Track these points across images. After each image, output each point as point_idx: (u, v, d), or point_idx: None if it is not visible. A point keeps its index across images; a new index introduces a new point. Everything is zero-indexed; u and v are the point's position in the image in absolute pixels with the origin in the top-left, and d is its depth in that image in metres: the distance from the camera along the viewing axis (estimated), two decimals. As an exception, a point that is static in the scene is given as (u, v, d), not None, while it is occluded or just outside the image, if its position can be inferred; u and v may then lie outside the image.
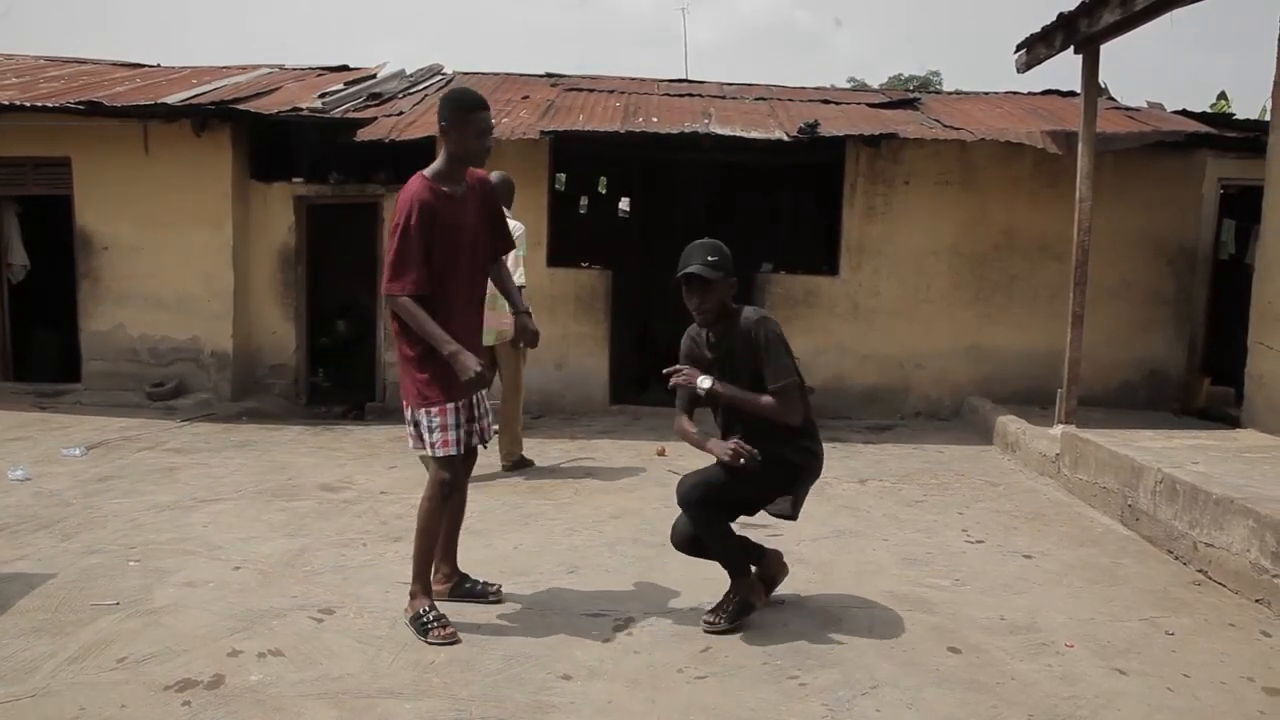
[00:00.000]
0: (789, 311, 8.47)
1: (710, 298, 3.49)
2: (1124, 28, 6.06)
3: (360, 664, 3.22)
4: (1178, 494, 4.50)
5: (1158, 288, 8.45)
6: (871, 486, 5.96)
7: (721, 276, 3.47)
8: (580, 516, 5.10)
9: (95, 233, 8.48)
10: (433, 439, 3.49)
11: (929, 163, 8.38)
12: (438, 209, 3.43)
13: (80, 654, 3.23)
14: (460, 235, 3.51)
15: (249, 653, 3.28)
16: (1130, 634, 3.58)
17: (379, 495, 5.46)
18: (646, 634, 3.52)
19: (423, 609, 3.49)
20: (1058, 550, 4.65)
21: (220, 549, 4.43)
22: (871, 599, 3.92)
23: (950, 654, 3.38)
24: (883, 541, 4.77)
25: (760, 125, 8.27)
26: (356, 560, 4.31)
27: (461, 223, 3.52)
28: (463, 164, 3.52)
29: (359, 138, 7.95)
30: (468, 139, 3.46)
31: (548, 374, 8.29)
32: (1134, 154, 8.04)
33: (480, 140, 3.49)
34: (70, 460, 6.20)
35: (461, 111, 3.46)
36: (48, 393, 8.50)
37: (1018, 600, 3.94)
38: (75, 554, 4.29)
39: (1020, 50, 7.16)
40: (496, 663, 3.24)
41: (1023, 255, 8.42)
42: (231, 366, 8.49)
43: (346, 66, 10.71)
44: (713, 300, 3.50)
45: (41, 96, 8.20)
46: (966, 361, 8.47)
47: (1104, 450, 5.36)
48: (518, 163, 8.35)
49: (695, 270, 3.44)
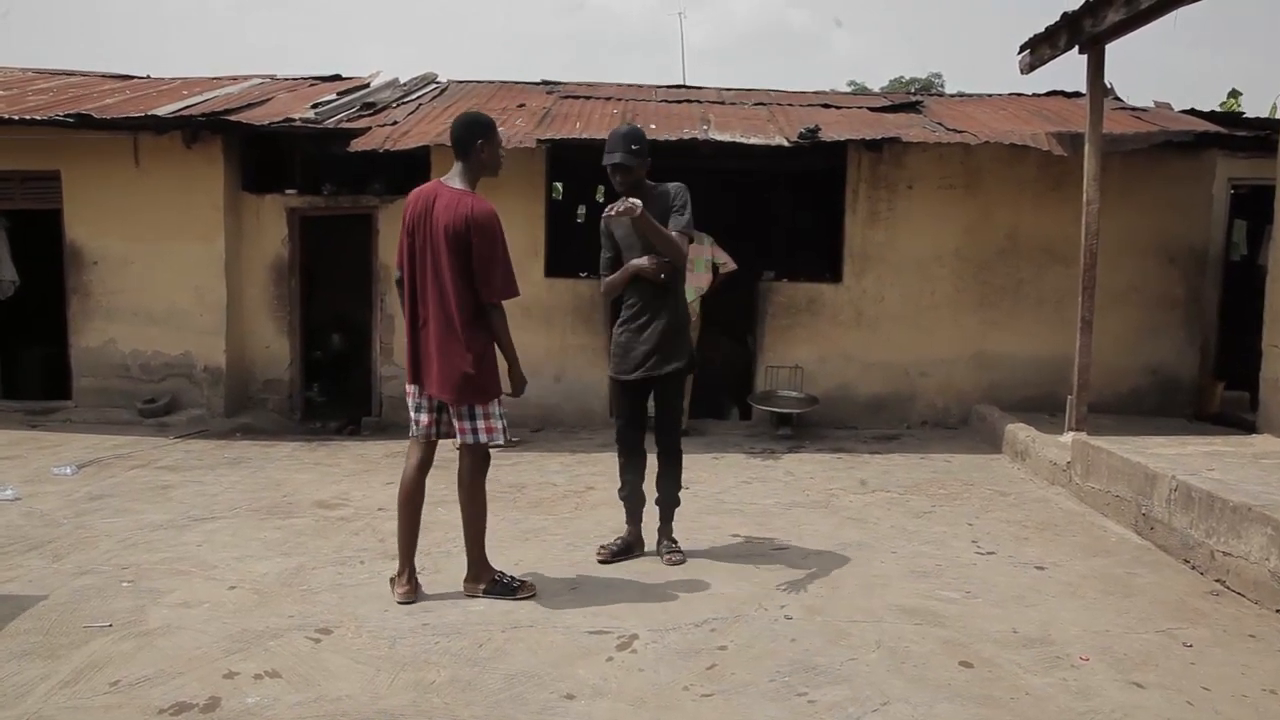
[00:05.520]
0: (791, 320, 8.48)
1: (630, 178, 4.38)
2: (1129, 26, 6.07)
3: (359, 684, 3.20)
4: (1193, 502, 4.49)
5: (1168, 291, 8.45)
6: (878, 497, 5.95)
7: (640, 161, 4.37)
8: (581, 531, 5.08)
9: (85, 247, 8.49)
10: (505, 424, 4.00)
11: (932, 166, 8.39)
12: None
13: (72, 677, 3.22)
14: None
15: (245, 674, 3.26)
16: (1147, 646, 3.56)
17: (376, 512, 5.45)
18: (651, 651, 3.51)
19: (498, 574, 4.07)
20: (1070, 561, 4.64)
21: (215, 568, 4.42)
22: (880, 613, 3.90)
23: (962, 669, 3.37)
24: (891, 554, 4.75)
25: (760, 131, 8.28)
26: (354, 578, 4.30)
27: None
28: (483, 176, 4.01)
29: (352, 148, 7.96)
30: (497, 152, 4.02)
31: (546, 386, 8.29)
32: (1142, 155, 8.04)
33: (502, 152, 4.11)
34: (61, 479, 6.19)
35: (493, 128, 3.99)
36: (37, 410, 8.49)
37: (1030, 613, 3.92)
38: (67, 575, 4.28)
39: (1024, 51, 7.17)
40: (498, 682, 3.23)
41: (1029, 260, 8.42)
42: (224, 382, 8.48)
43: (339, 76, 10.73)
44: (632, 179, 4.39)
45: (29, 109, 8.20)
46: (973, 368, 8.46)
47: (1116, 458, 5.35)
48: (514, 172, 8.36)
49: (620, 160, 4.35)
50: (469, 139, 3.93)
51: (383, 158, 7.94)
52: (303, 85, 10.29)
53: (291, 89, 10.01)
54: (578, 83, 10.68)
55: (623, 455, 4.68)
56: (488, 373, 3.92)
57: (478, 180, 3.98)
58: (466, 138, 3.93)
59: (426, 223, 3.87)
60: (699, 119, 8.72)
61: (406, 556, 4.05)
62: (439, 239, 3.83)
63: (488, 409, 3.94)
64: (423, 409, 4.02)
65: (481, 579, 4.07)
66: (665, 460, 4.64)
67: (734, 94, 10.40)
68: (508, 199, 8.37)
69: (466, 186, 3.93)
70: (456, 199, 3.85)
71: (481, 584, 4.05)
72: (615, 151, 4.36)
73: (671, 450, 4.63)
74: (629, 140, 4.37)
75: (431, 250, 3.86)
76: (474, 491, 4.04)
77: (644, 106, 9.36)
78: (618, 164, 4.36)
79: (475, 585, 4.06)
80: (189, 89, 9.71)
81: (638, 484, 4.67)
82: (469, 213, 3.81)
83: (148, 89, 9.76)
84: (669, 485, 4.65)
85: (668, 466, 4.64)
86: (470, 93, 10.09)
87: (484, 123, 4.00)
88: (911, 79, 35.82)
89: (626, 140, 4.36)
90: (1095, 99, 6.61)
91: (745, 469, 6.80)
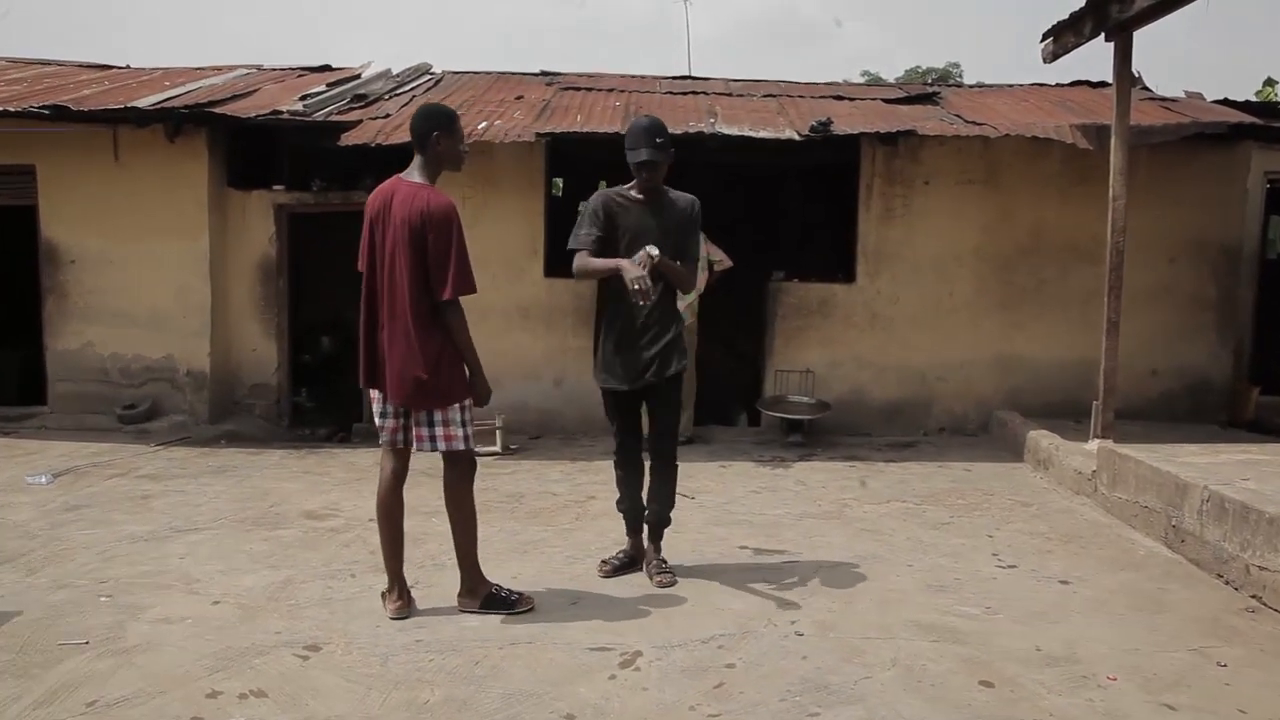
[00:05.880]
0: (802, 322, 8.47)
1: (656, 176, 4.34)
2: (1159, 12, 6.06)
3: (349, 704, 3.20)
4: (1227, 513, 4.47)
5: (1199, 291, 8.43)
6: (894, 508, 5.94)
7: (665, 155, 4.33)
8: (582, 544, 5.08)
9: (62, 245, 8.49)
10: (468, 431, 3.98)
11: (950, 161, 8.38)
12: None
13: (47, 697, 3.22)
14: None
15: (229, 694, 3.26)
16: (1179, 665, 3.55)
17: (367, 523, 5.43)
18: (655, 669, 3.50)
19: (494, 588, 4.07)
20: (1097, 575, 4.63)
21: (198, 582, 4.42)
22: (896, 629, 3.89)
23: (982, 688, 3.36)
24: (907, 567, 4.74)
25: (769, 124, 8.28)
26: (344, 592, 4.30)
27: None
28: (444, 170, 4.01)
29: (343, 142, 7.96)
30: (457, 145, 3.99)
31: (546, 391, 8.28)
32: (1171, 148, 8.03)
33: (465, 147, 4.08)
34: (36, 488, 6.20)
35: (452, 120, 3.98)
36: (11, 416, 8.50)
37: (1055, 629, 3.91)
38: (42, 589, 4.28)
39: (1047, 39, 7.17)
40: (495, 702, 3.22)
41: (1052, 258, 8.41)
42: (209, 387, 8.48)
43: (329, 66, 10.74)
44: (659, 177, 4.36)
45: (2, 100, 8.21)
46: (993, 372, 8.45)
47: (1145, 466, 5.34)
48: (512, 167, 8.40)
49: (648, 158, 4.27)
50: (425, 131, 3.92)
51: (375, 152, 7.93)
52: (290, 76, 10.30)
53: (279, 80, 10.02)
54: (578, 74, 10.69)
55: (621, 467, 4.65)
56: (445, 376, 3.88)
57: (438, 175, 3.99)
58: (423, 130, 3.93)
59: (384, 219, 3.91)
60: (705, 111, 8.72)
61: (395, 571, 4.05)
62: (396, 235, 3.85)
63: (447, 414, 3.90)
64: (387, 415, 4.02)
65: (477, 592, 4.06)
66: (662, 469, 4.55)
67: (742, 85, 10.40)
68: (505, 195, 8.44)
69: (426, 181, 3.94)
70: (414, 193, 3.86)
71: (477, 598, 4.05)
72: (640, 148, 4.28)
73: (669, 459, 4.56)
74: (652, 134, 4.29)
75: (389, 247, 3.88)
76: (460, 500, 4.03)
77: (648, 99, 9.36)
78: (645, 161, 4.28)
79: (471, 600, 4.06)
80: (171, 80, 9.72)
81: (638, 495, 4.64)
82: (425, 207, 3.81)
83: (128, 79, 9.78)
84: (663, 499, 4.56)
85: (663, 475, 4.55)
86: (466, 84, 10.09)
87: (440, 114, 4.00)
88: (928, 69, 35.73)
89: (650, 134, 4.29)
90: (1122, 89, 6.59)
91: (754, 478, 6.79)
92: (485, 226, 7.96)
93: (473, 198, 8.10)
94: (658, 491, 4.57)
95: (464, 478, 4.03)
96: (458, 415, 3.93)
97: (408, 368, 3.85)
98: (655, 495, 4.57)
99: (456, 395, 3.92)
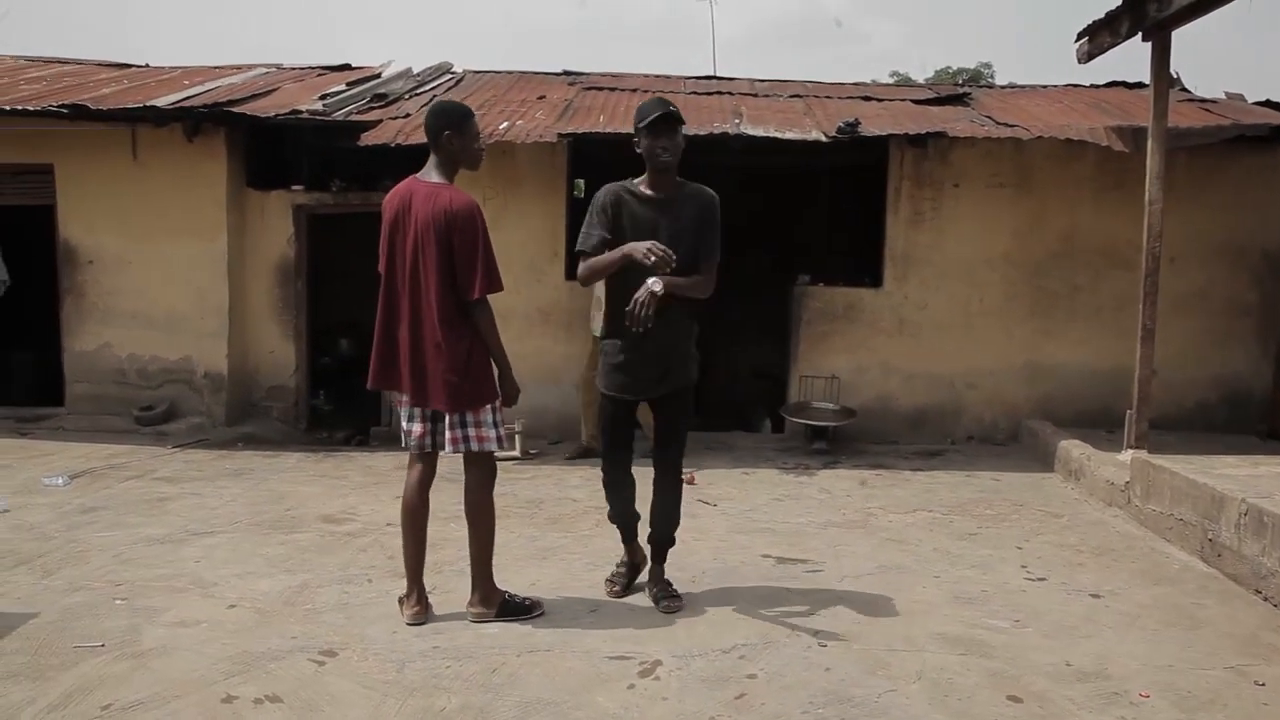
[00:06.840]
0: (828, 327, 8.46)
1: (677, 142, 4.01)
2: (1198, 11, 6.01)
3: (365, 711, 3.22)
4: (1265, 527, 4.43)
5: (1239, 297, 8.36)
6: (920, 518, 5.92)
7: (679, 130, 4.02)
8: (602, 550, 5.08)
9: (80, 245, 8.60)
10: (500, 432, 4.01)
11: (981, 163, 8.35)
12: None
13: (61, 701, 3.26)
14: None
15: (245, 699, 3.29)
16: (1214, 683, 3.52)
17: (385, 527, 5.48)
18: (675, 679, 3.50)
19: (507, 595, 4.11)
20: (1129, 589, 4.59)
21: (214, 586, 4.46)
22: (922, 642, 3.88)
23: (1010, 703, 3.34)
24: (934, 579, 4.72)
25: (796, 125, 8.27)
26: (361, 598, 4.33)
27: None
28: (462, 169, 4.01)
29: (363, 142, 8.03)
30: (470, 144, 3.97)
31: (567, 395, 8.30)
32: (1210, 151, 7.97)
33: (480, 145, 4.06)
34: (52, 490, 6.27)
35: (464, 118, 3.96)
36: (28, 417, 8.61)
37: (1085, 644, 3.89)
38: (57, 592, 4.33)
39: (1082, 39, 7.13)
40: (512, 710, 3.24)
41: (1085, 264, 8.36)
42: (226, 389, 8.56)
43: (349, 65, 10.82)
44: (678, 149, 4.02)
45: (21, 99, 8.32)
46: (1024, 380, 8.40)
47: (1180, 478, 5.29)
48: (533, 168, 8.44)
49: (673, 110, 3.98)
50: (436, 129, 3.93)
51: (395, 152, 7.99)
52: (310, 75, 10.38)
53: (298, 79, 10.11)
54: (601, 73, 10.73)
55: (609, 473, 4.42)
56: (476, 377, 3.91)
57: (455, 174, 3.99)
58: (435, 127, 3.94)
59: (403, 221, 3.92)
60: (730, 112, 8.73)
61: (415, 576, 4.07)
62: (419, 236, 3.86)
63: (479, 416, 3.93)
64: (414, 419, 4.03)
65: (491, 600, 4.08)
66: (667, 478, 4.32)
67: (767, 85, 10.40)
68: (526, 197, 8.48)
69: (444, 179, 3.95)
70: (434, 193, 3.88)
71: (492, 606, 4.06)
72: (654, 111, 3.96)
73: (676, 470, 4.35)
74: (663, 102, 4.04)
75: (411, 249, 3.89)
76: (481, 506, 4.06)
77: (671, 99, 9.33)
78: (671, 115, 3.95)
79: (486, 609, 4.05)
80: (190, 79, 9.83)
81: (630, 502, 4.41)
82: (448, 206, 3.83)
83: (146, 78, 9.89)
84: (668, 516, 4.34)
85: (669, 489, 4.33)
86: (487, 83, 10.15)
87: (452, 111, 4.00)
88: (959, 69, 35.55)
89: (661, 101, 4.05)
90: (1160, 90, 6.55)
91: (777, 485, 6.79)
92: (506, 228, 8.00)
93: (494, 199, 8.15)
94: (662, 507, 4.34)
95: (486, 482, 4.05)
96: (489, 416, 3.96)
97: (437, 370, 3.87)
98: (659, 512, 4.34)
99: (487, 396, 3.95)
